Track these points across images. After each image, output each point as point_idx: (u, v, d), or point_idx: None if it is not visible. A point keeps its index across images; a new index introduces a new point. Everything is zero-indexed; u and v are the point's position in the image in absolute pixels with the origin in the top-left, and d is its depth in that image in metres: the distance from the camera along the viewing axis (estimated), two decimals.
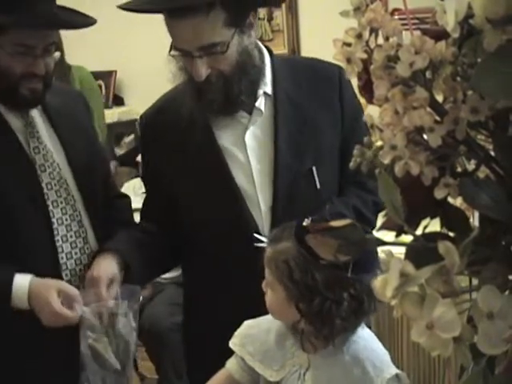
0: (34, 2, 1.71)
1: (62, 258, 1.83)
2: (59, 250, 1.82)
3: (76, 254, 1.86)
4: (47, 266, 1.80)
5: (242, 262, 1.77)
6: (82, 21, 1.85)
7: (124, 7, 1.74)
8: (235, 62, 1.70)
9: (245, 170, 1.80)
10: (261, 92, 1.79)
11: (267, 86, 1.81)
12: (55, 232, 1.82)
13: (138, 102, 1.93)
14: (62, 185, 1.86)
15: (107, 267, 1.79)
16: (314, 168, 1.79)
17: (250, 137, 1.80)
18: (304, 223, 1.43)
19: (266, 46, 1.87)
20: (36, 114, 1.89)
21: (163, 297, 3.38)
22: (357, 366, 1.47)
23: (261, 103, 1.80)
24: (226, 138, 1.81)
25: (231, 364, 1.60)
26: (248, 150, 1.80)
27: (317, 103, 1.83)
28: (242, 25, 1.69)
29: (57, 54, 1.95)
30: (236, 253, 1.79)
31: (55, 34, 2.12)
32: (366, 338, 1.53)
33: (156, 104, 1.96)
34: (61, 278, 1.82)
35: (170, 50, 1.73)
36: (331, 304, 1.40)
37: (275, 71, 1.83)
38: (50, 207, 1.81)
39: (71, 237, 1.85)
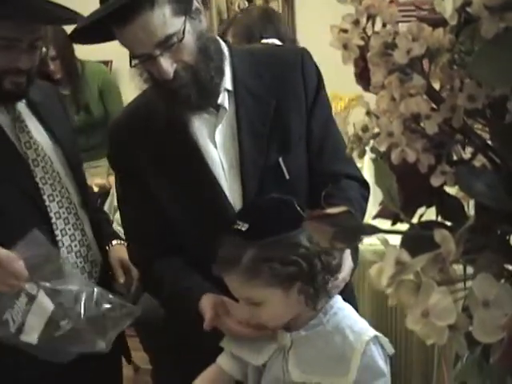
0: None
1: (63, 251, 1.81)
2: (59, 244, 1.81)
3: (76, 246, 1.85)
4: None
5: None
6: (68, 16, 1.80)
7: (73, 35, 1.70)
8: (196, 48, 1.67)
9: (217, 169, 1.78)
10: (222, 88, 1.77)
11: (227, 82, 1.78)
12: (54, 226, 1.80)
13: (133, 92, 1.91)
14: (55, 178, 1.84)
15: None
16: (280, 159, 1.78)
17: (218, 135, 1.78)
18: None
19: (224, 40, 1.84)
20: (22, 107, 1.86)
21: None
22: (337, 334, 1.50)
23: (223, 100, 1.77)
24: (197, 138, 1.78)
25: (221, 358, 1.63)
26: (218, 148, 1.78)
27: (280, 92, 1.80)
28: (189, 11, 1.66)
29: (43, 51, 1.91)
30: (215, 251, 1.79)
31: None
32: (344, 308, 1.56)
33: (123, 115, 1.92)
34: None
35: (131, 63, 1.70)
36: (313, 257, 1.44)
37: (234, 65, 1.80)
38: (47, 202, 1.80)
39: (69, 230, 1.84)
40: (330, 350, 1.50)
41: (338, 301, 1.57)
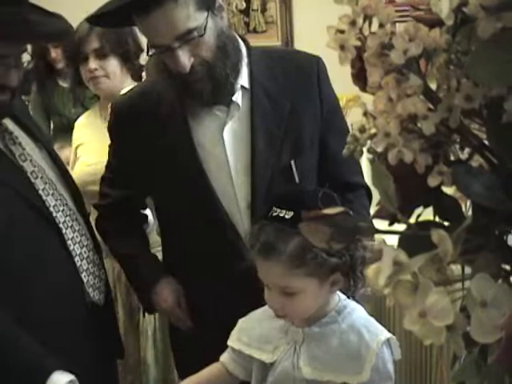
0: (6, 8, 1.56)
1: (78, 260, 1.79)
2: (73, 253, 1.78)
3: (85, 252, 1.82)
4: (68, 273, 1.77)
5: (217, 260, 1.77)
6: (56, 28, 1.74)
7: (92, 18, 1.71)
8: (215, 45, 1.68)
9: (222, 167, 1.78)
10: (238, 85, 1.77)
11: (244, 80, 1.78)
12: (66, 237, 1.77)
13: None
14: (53, 188, 1.80)
15: None
16: (292, 162, 1.78)
17: (227, 132, 1.78)
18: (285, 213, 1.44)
19: (242, 39, 1.84)
20: (6, 119, 1.78)
21: None
22: (353, 333, 1.50)
23: (238, 97, 1.77)
24: (203, 134, 1.79)
25: (224, 357, 1.63)
26: (226, 145, 1.77)
27: (294, 96, 1.81)
28: (212, 7, 1.67)
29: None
30: (210, 251, 1.79)
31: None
32: (358, 309, 1.56)
33: (131, 95, 1.93)
34: (81, 281, 1.79)
35: (148, 52, 1.70)
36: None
37: (252, 64, 1.80)
38: (54, 213, 1.76)
39: (77, 237, 1.81)
40: (344, 348, 1.49)
41: (351, 301, 1.57)
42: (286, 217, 1.43)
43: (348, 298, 1.54)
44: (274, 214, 1.45)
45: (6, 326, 1.59)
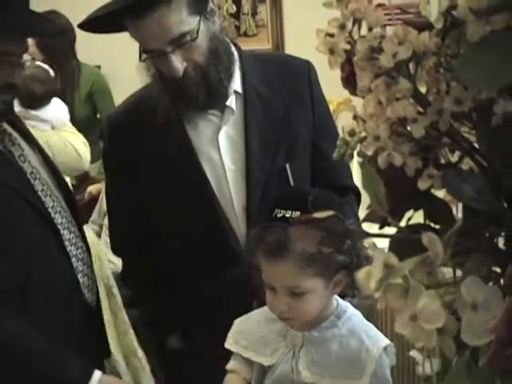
0: (8, 8, 1.57)
1: (74, 262, 1.78)
2: (70, 254, 1.77)
3: (80, 254, 1.82)
4: (66, 273, 1.76)
5: (216, 262, 1.77)
6: (51, 27, 1.77)
7: (84, 24, 1.70)
8: (207, 49, 1.68)
9: (218, 171, 1.78)
10: (231, 90, 1.77)
11: (236, 84, 1.79)
12: (63, 238, 1.76)
13: (121, 98, 1.92)
14: (49, 188, 1.80)
15: None
16: (287, 165, 1.79)
17: (223, 136, 1.78)
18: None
19: (233, 43, 1.84)
20: None
21: None
22: (353, 338, 1.50)
23: (231, 101, 1.77)
24: (199, 138, 1.78)
25: (234, 366, 1.61)
26: (221, 150, 1.77)
27: (288, 100, 1.81)
28: (204, 11, 1.67)
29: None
30: (210, 255, 1.79)
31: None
32: (358, 314, 1.57)
33: (124, 108, 1.91)
34: (78, 282, 1.79)
35: (140, 57, 1.70)
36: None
37: (244, 68, 1.81)
38: (52, 214, 1.75)
39: (73, 238, 1.80)
40: (344, 353, 1.50)
41: (349, 306, 1.57)
42: (294, 216, 1.44)
43: (343, 299, 1.55)
44: (279, 215, 1.46)
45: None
